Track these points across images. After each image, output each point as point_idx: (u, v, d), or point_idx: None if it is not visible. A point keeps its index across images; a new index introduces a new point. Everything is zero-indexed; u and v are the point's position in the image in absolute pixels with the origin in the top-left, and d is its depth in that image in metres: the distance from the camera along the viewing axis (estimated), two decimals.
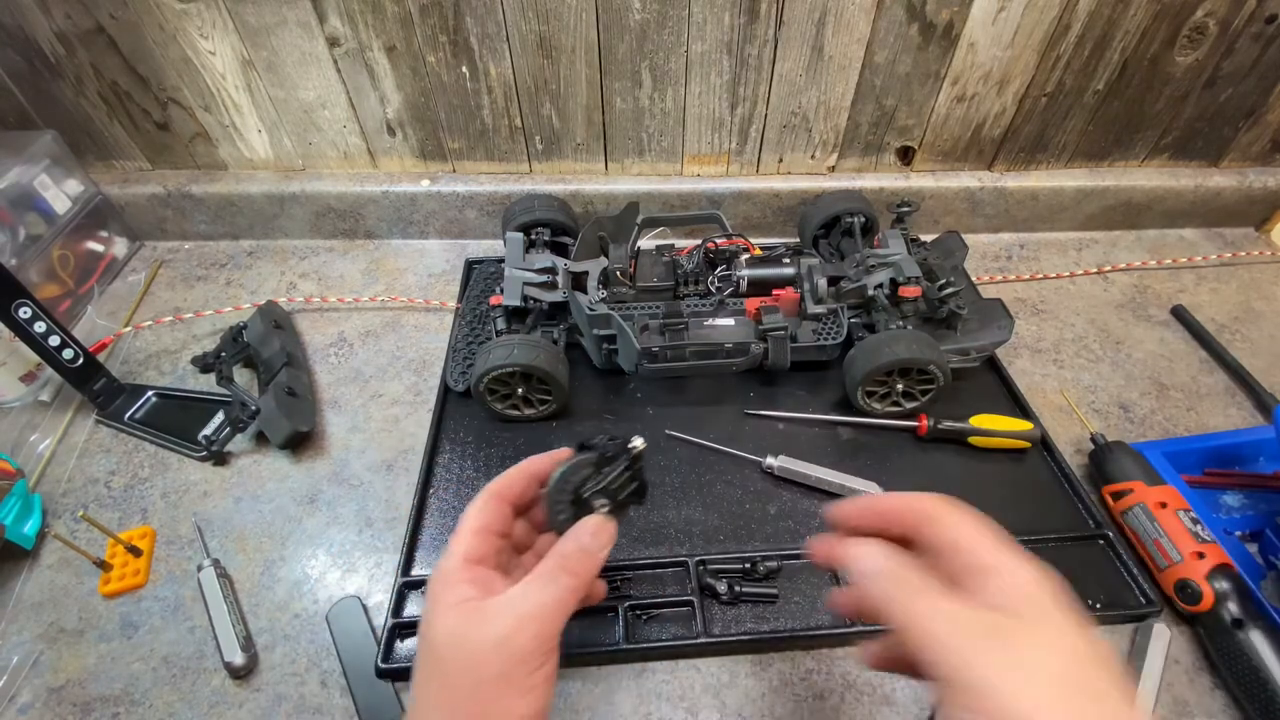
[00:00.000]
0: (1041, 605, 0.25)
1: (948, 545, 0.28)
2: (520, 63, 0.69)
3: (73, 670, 0.48)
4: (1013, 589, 0.25)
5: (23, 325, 0.55)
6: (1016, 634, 0.24)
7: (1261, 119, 0.78)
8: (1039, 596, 0.25)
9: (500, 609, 0.31)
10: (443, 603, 0.32)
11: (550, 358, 0.58)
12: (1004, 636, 0.23)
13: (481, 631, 0.30)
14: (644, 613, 0.49)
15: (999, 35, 0.69)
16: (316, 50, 0.68)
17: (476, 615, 0.31)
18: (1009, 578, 0.25)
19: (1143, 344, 0.72)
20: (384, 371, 0.68)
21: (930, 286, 0.63)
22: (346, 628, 0.49)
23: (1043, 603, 0.25)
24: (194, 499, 0.57)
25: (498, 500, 0.36)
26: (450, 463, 0.60)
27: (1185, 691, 0.47)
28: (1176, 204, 0.84)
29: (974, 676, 0.23)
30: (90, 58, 0.68)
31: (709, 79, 0.71)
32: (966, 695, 0.23)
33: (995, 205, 0.82)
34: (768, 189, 0.79)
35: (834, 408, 0.64)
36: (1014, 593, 0.25)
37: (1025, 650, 0.23)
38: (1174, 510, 0.51)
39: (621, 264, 0.64)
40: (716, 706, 0.46)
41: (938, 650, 0.24)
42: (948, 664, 0.24)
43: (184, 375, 0.67)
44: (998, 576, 0.26)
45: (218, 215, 0.80)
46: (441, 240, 0.83)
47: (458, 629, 0.31)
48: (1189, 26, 0.69)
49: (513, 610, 0.31)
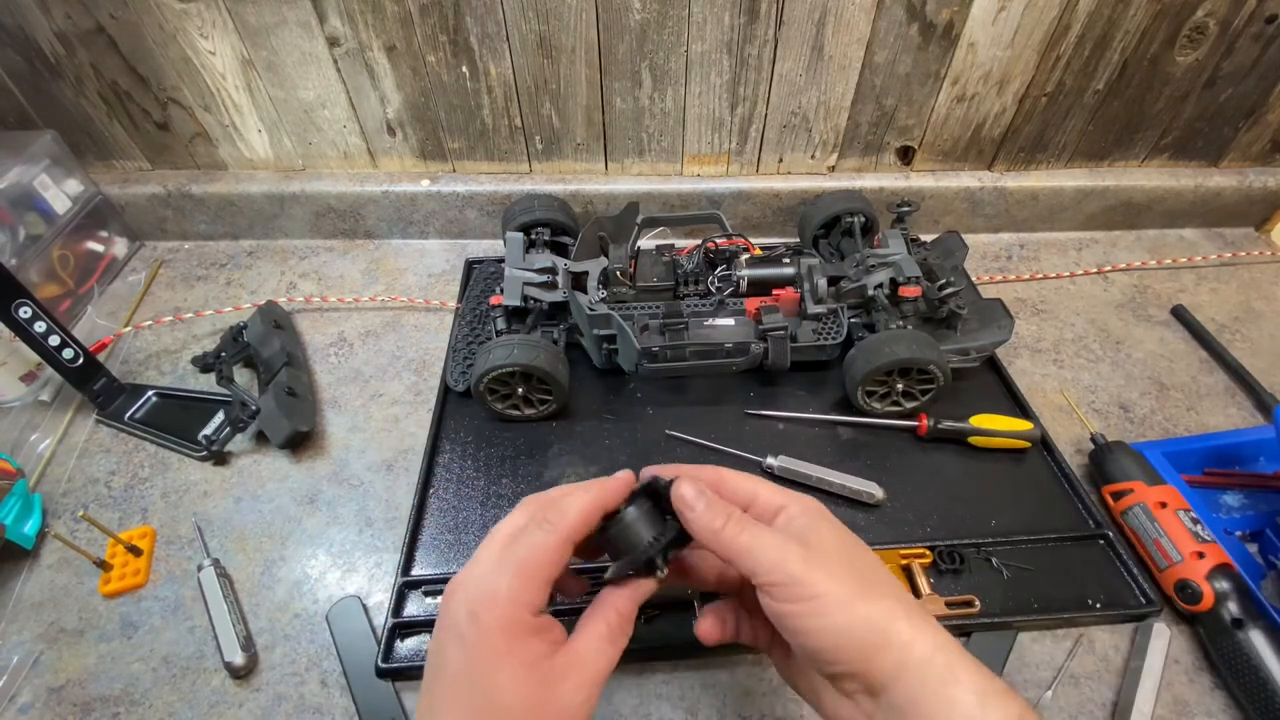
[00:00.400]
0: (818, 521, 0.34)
1: (745, 495, 0.36)
2: (520, 63, 0.69)
3: (73, 670, 0.48)
4: (799, 515, 0.34)
5: (23, 325, 0.55)
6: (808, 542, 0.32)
7: (1261, 119, 0.78)
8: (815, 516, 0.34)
9: (573, 670, 0.30)
10: (515, 658, 0.29)
11: (550, 358, 0.58)
12: (803, 545, 0.32)
13: (561, 698, 0.29)
14: (644, 613, 0.49)
15: (999, 35, 0.69)
16: (316, 50, 0.68)
17: (552, 678, 0.29)
18: (794, 508, 0.34)
19: (1143, 344, 0.72)
20: (384, 371, 0.68)
21: (930, 286, 0.63)
22: (346, 628, 0.49)
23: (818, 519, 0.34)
24: (194, 499, 0.57)
25: (570, 546, 0.33)
26: (450, 463, 0.60)
27: (1185, 691, 0.47)
28: (1176, 204, 0.84)
29: (792, 572, 0.31)
30: (90, 58, 0.68)
31: (709, 79, 0.71)
32: (790, 588, 0.31)
33: (995, 205, 0.82)
34: (768, 189, 0.79)
35: (834, 408, 0.64)
36: (800, 518, 0.34)
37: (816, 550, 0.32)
38: (1174, 510, 0.51)
39: (621, 264, 0.64)
40: (716, 706, 0.46)
41: (767, 564, 0.32)
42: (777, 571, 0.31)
43: (184, 375, 0.67)
44: (786, 510, 0.34)
45: (218, 215, 0.80)
46: (441, 240, 0.83)
47: (535, 695, 0.29)
48: (1189, 26, 0.69)
49: (586, 673, 0.30)
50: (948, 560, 0.52)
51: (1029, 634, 0.50)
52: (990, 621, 0.49)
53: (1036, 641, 0.49)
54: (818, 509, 0.35)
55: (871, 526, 0.55)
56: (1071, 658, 0.49)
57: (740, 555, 0.32)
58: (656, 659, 0.48)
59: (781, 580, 0.31)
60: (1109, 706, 0.46)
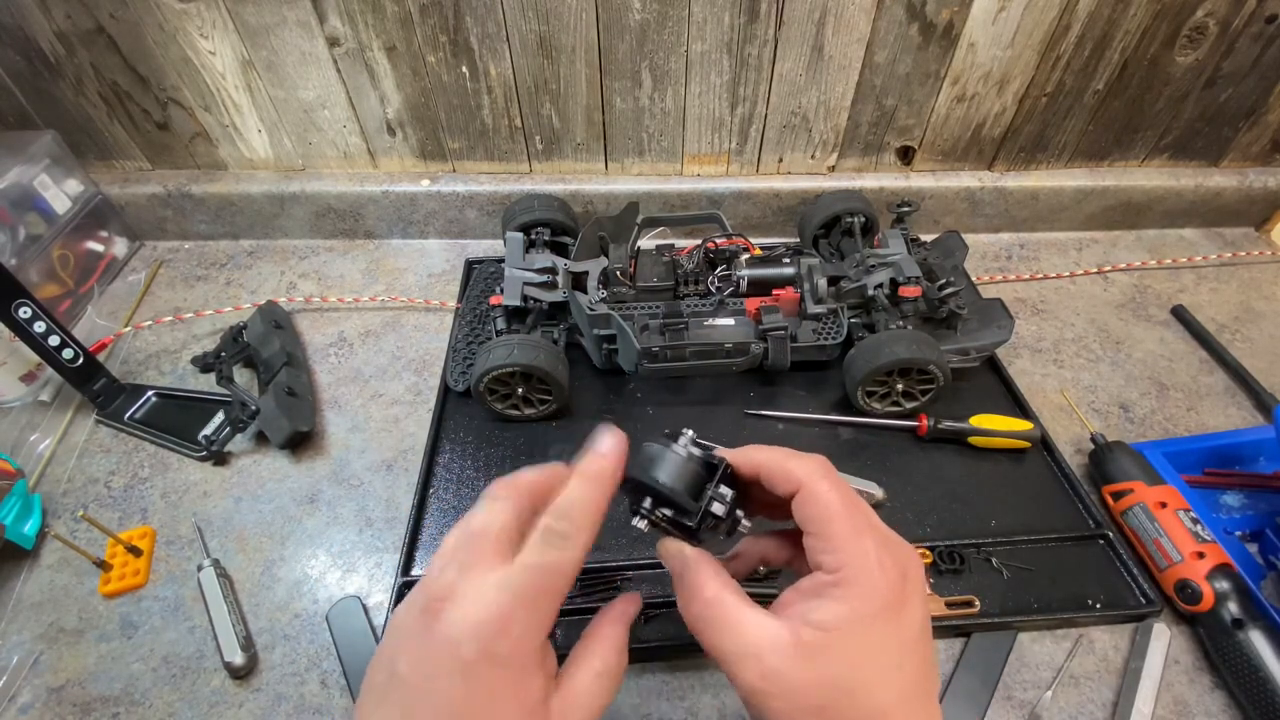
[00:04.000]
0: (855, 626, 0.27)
1: (813, 520, 0.29)
2: (520, 63, 0.69)
3: (73, 670, 0.48)
4: (848, 597, 0.28)
5: (23, 325, 0.55)
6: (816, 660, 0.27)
7: (1261, 119, 0.78)
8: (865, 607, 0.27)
9: (572, 713, 0.27)
10: (518, 701, 0.26)
11: (550, 358, 0.58)
12: (779, 664, 0.27)
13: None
14: (644, 613, 0.49)
15: (999, 35, 0.69)
16: (316, 50, 0.68)
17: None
18: (849, 587, 0.28)
19: (1143, 344, 0.72)
20: (384, 371, 0.68)
21: (930, 286, 0.63)
22: (346, 628, 0.49)
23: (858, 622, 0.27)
24: (194, 499, 0.57)
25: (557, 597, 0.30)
26: (450, 463, 0.60)
27: (1185, 691, 0.47)
28: (1176, 204, 0.84)
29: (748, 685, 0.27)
30: (90, 58, 0.68)
31: (709, 79, 0.71)
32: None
33: (995, 205, 0.82)
34: (768, 189, 0.79)
35: (834, 408, 0.64)
36: (842, 605, 0.27)
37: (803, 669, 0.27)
38: (1174, 510, 0.51)
39: (621, 264, 0.64)
40: (716, 706, 0.46)
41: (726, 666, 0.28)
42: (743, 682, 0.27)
43: (184, 375, 0.67)
44: (841, 582, 0.28)
45: (218, 215, 0.80)
46: (441, 240, 0.83)
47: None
48: (1189, 26, 0.69)
49: (584, 715, 0.28)
50: (948, 560, 0.52)
51: (1029, 634, 0.50)
52: (990, 622, 0.49)
53: (1036, 641, 0.49)
54: (881, 596, 0.27)
55: None
56: (1071, 658, 0.49)
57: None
58: (656, 659, 0.48)
59: (738, 693, 0.28)
60: (1109, 707, 0.46)
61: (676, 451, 0.31)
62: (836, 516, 0.29)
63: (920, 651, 0.28)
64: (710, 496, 0.31)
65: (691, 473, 0.31)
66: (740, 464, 0.32)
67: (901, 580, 0.28)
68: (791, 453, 0.31)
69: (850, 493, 0.30)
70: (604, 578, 0.51)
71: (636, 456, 0.32)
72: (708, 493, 0.31)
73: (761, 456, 0.32)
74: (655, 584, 0.51)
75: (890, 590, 0.27)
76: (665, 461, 0.31)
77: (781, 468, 0.31)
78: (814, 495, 0.29)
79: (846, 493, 0.30)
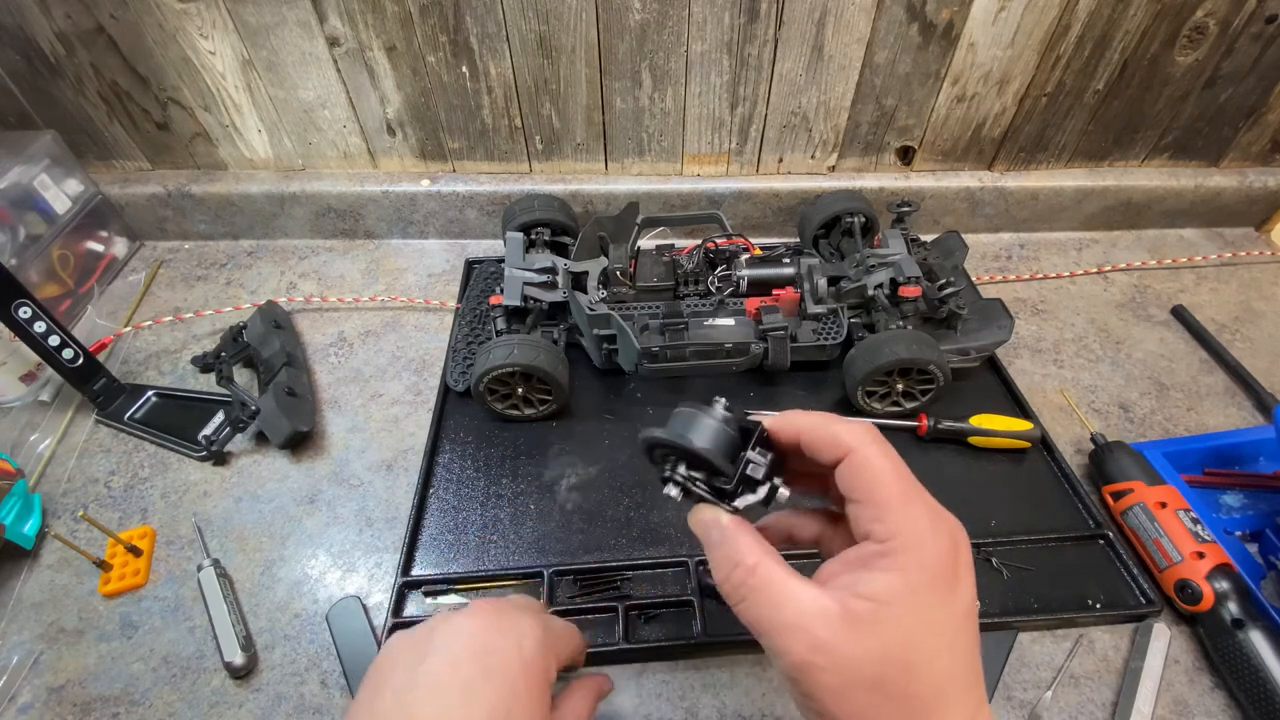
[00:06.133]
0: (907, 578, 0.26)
1: (862, 486, 0.28)
2: (520, 63, 0.69)
3: (73, 670, 0.48)
4: (900, 564, 0.26)
5: (23, 325, 0.55)
6: (852, 618, 0.26)
7: (1261, 119, 0.78)
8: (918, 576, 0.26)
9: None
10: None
11: (550, 358, 0.58)
12: (814, 646, 0.26)
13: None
14: (644, 613, 0.49)
15: (999, 35, 0.69)
16: (316, 50, 0.68)
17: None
18: (893, 537, 0.27)
19: (1143, 344, 0.72)
20: (384, 371, 0.68)
21: (930, 286, 0.63)
22: (346, 628, 0.49)
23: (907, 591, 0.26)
24: (194, 499, 0.57)
25: None
26: (450, 463, 0.60)
27: (1185, 691, 0.47)
28: (1176, 204, 0.84)
29: (792, 663, 0.26)
30: (90, 58, 0.68)
31: (709, 79, 0.71)
32: (792, 681, 0.26)
33: (995, 205, 0.82)
34: (768, 189, 0.79)
35: (834, 408, 0.64)
36: (894, 576, 0.26)
37: (852, 631, 0.25)
38: (1174, 510, 0.51)
39: (621, 264, 0.64)
40: (716, 706, 0.46)
41: (771, 647, 0.27)
42: (780, 657, 0.27)
43: (184, 375, 0.67)
44: (891, 551, 0.27)
45: (218, 215, 0.80)
46: (441, 240, 0.83)
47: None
48: (1189, 26, 0.69)
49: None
50: None
51: (1029, 634, 0.50)
52: (990, 622, 0.49)
53: (1036, 642, 0.49)
54: (931, 564, 0.26)
55: None
56: (1071, 658, 0.49)
57: (744, 624, 0.28)
58: (656, 659, 0.48)
59: (780, 672, 0.27)
60: (1109, 707, 0.46)
61: (711, 415, 0.30)
62: (888, 482, 0.27)
63: (971, 631, 0.27)
64: (746, 460, 0.29)
65: (727, 437, 0.30)
66: (780, 429, 0.30)
67: (954, 552, 0.27)
68: (836, 417, 0.30)
69: (900, 460, 0.28)
70: (604, 578, 0.51)
71: (669, 421, 0.31)
72: (744, 456, 0.29)
73: (805, 421, 0.30)
74: (655, 584, 0.51)
75: (942, 562, 0.26)
76: (699, 424, 0.30)
77: (828, 431, 0.29)
78: (865, 460, 0.28)
79: (897, 459, 0.28)
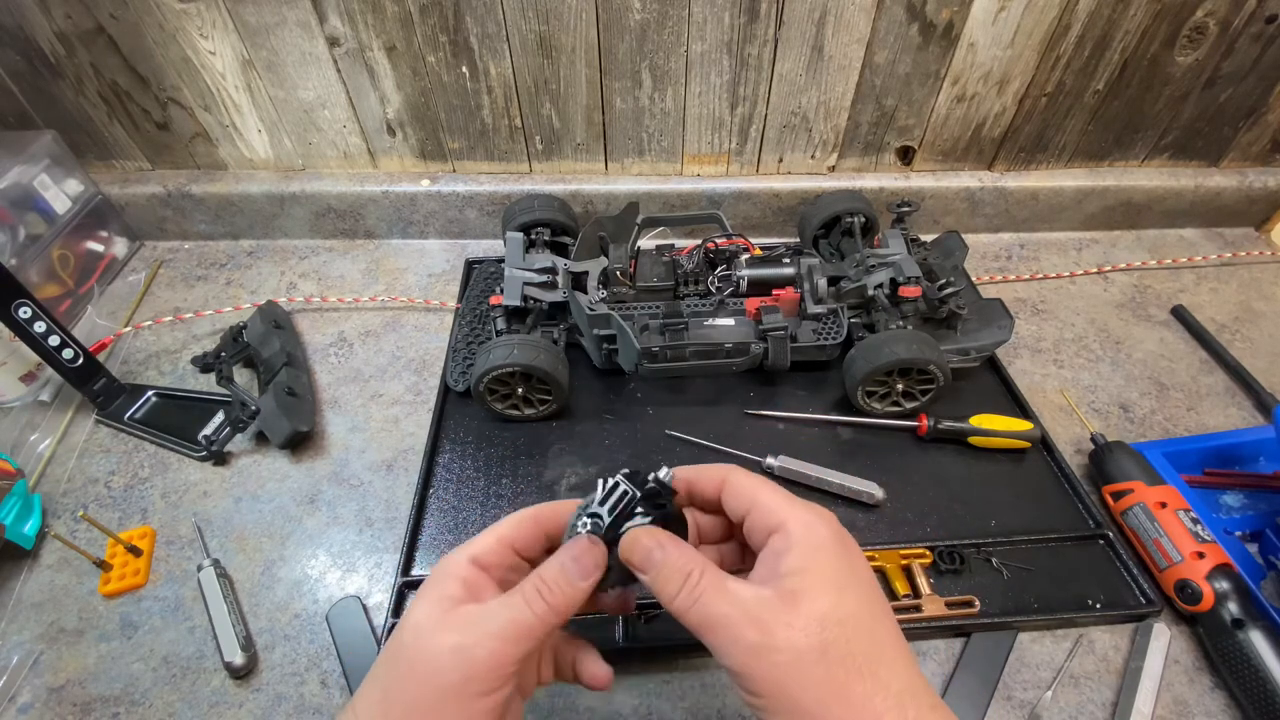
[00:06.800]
0: (816, 557, 0.30)
1: (744, 502, 0.33)
2: (520, 63, 0.69)
3: (73, 670, 0.48)
4: (796, 544, 0.30)
5: (23, 325, 0.55)
6: (790, 600, 0.29)
7: (1261, 119, 0.78)
8: (814, 548, 0.30)
9: (468, 618, 0.30)
10: (427, 595, 0.31)
11: (550, 358, 0.58)
12: (761, 627, 0.28)
13: (444, 635, 0.30)
14: (644, 613, 0.49)
15: (999, 35, 0.69)
16: (316, 50, 0.68)
17: (447, 617, 0.30)
18: (794, 529, 0.31)
19: (1143, 344, 0.72)
20: (384, 371, 0.68)
21: (930, 286, 0.63)
22: (346, 628, 0.49)
23: (816, 553, 0.30)
24: (194, 499, 0.57)
25: (533, 523, 0.35)
26: (450, 463, 0.60)
27: (1185, 691, 0.47)
28: (1176, 204, 0.84)
29: (741, 662, 0.28)
30: (90, 58, 0.68)
31: (709, 79, 0.71)
32: (741, 679, 0.29)
33: (995, 205, 0.82)
34: (768, 189, 0.79)
35: (834, 408, 0.64)
36: (796, 550, 0.30)
37: (790, 620, 0.28)
38: (1174, 510, 0.51)
39: (621, 264, 0.64)
40: (716, 707, 0.46)
41: (718, 647, 0.29)
42: (726, 657, 0.29)
43: (184, 375, 0.67)
44: (783, 531, 0.31)
45: (218, 215, 0.80)
46: (441, 240, 0.83)
47: (425, 624, 0.30)
48: (1189, 26, 0.69)
49: (478, 623, 0.30)
50: (948, 560, 0.52)
51: (1029, 634, 0.50)
52: (990, 622, 0.49)
53: (1036, 642, 0.49)
54: (824, 536, 0.31)
55: (871, 527, 0.55)
56: (1071, 658, 0.49)
57: (696, 630, 0.30)
58: (656, 659, 0.48)
59: (733, 669, 0.29)
60: (1109, 707, 0.46)
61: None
62: (764, 490, 0.33)
63: (883, 600, 0.31)
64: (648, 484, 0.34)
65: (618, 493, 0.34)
66: (675, 482, 0.35)
67: (837, 527, 0.32)
68: (703, 465, 0.36)
69: (765, 478, 0.35)
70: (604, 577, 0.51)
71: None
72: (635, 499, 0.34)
73: (687, 471, 0.36)
74: None
75: (834, 535, 0.31)
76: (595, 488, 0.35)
77: (700, 470, 0.36)
78: (739, 480, 0.34)
79: (762, 478, 0.34)
